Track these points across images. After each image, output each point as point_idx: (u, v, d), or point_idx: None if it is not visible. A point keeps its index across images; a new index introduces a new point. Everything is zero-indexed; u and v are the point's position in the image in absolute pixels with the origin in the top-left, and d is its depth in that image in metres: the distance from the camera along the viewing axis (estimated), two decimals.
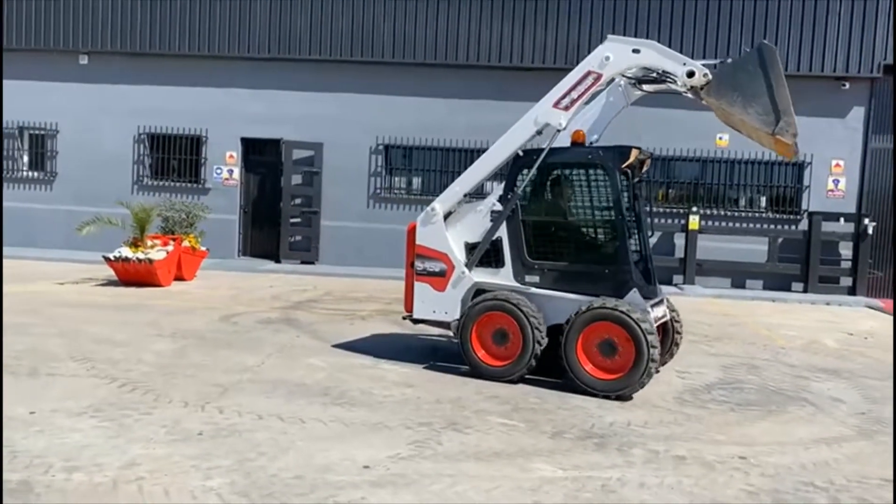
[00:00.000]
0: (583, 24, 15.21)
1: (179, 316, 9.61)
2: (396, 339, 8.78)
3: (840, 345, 9.77)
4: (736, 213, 15.24)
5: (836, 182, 15.07)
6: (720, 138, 15.14)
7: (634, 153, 6.89)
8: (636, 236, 7.20)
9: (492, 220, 7.10)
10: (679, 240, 15.15)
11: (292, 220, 16.25)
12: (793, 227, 15.12)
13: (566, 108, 6.83)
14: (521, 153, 7.09)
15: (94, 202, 15.47)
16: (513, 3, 15.41)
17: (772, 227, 15.21)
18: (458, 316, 7.09)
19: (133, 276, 12.16)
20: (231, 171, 16.55)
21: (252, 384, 6.48)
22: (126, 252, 12.19)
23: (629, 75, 6.96)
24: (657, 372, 6.67)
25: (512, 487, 4.39)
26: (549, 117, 6.87)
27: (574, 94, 6.81)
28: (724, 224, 15.18)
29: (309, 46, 15.95)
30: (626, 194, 7.05)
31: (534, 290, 6.90)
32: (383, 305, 11.34)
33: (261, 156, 16.65)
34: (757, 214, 15.28)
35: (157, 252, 12.28)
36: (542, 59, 15.42)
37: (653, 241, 8.44)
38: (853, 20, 14.60)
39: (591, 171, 6.97)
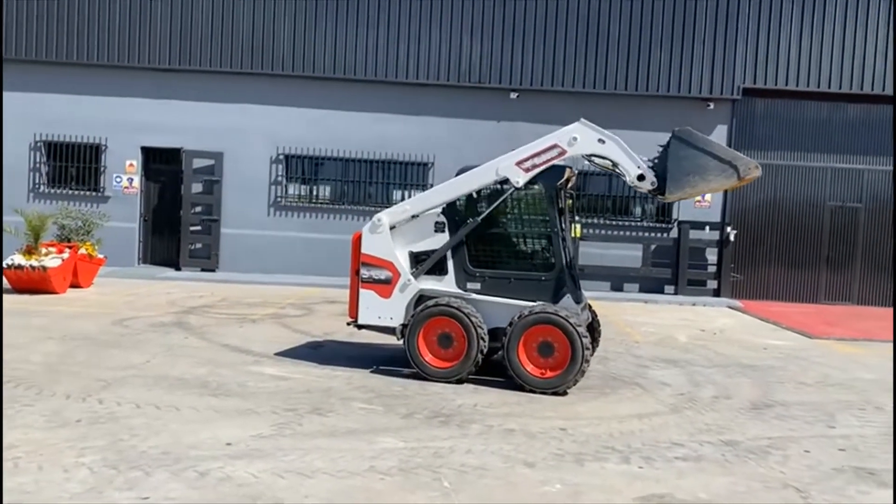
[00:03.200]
0: (477, 41, 16.17)
1: (72, 320, 9.90)
2: (284, 339, 9.34)
3: (689, 339, 10.91)
4: (614, 222, 16.46)
5: (703, 194, 16.45)
6: None
7: (568, 172, 7.70)
8: (566, 246, 7.95)
9: (436, 231, 7.69)
10: None
11: (192, 229, 16.54)
12: (665, 235, 16.46)
13: (526, 170, 7.34)
14: (462, 168, 7.80)
15: None
16: (410, 20, 16.22)
17: (646, 234, 16.51)
18: (402, 321, 7.59)
19: (27, 283, 12.27)
20: (131, 180, 16.70)
21: (135, 379, 6.96)
22: (19, 259, 12.29)
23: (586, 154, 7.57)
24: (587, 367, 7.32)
25: (355, 457, 5.08)
26: (510, 173, 7.37)
27: (537, 160, 7.34)
28: (603, 232, 16.36)
29: (210, 57, 16.33)
30: (558, 208, 7.80)
31: (475, 296, 7.53)
32: (277, 310, 11.87)
33: (161, 164, 16.86)
34: (633, 223, 16.56)
35: (51, 259, 12.43)
36: (437, 75, 16.27)
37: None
38: (716, 46, 16.08)
39: (529, 187, 7.68)
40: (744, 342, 10.93)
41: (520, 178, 7.35)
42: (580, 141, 7.26)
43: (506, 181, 7.41)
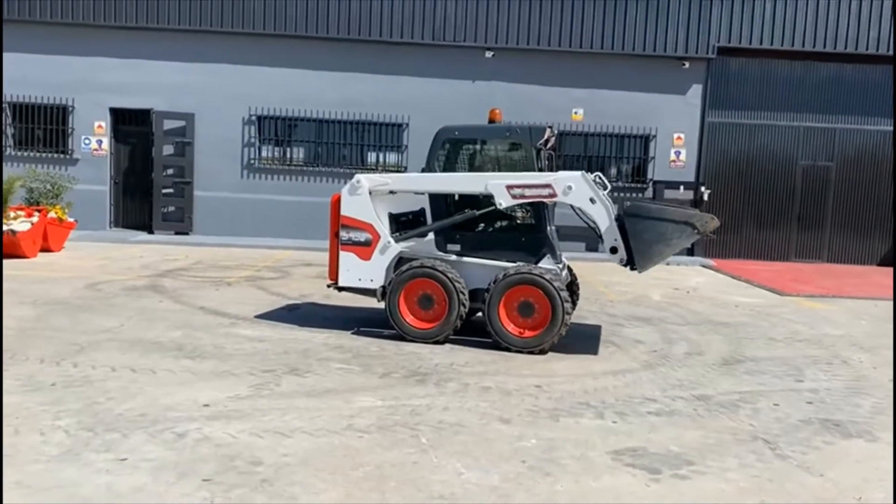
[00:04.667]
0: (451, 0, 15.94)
1: (43, 285, 9.78)
2: (260, 302, 9.32)
3: (663, 298, 11.06)
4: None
5: (678, 153, 16.56)
6: (575, 113, 16.31)
7: (548, 132, 7.64)
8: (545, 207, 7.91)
9: (416, 193, 7.65)
10: None
11: (164, 191, 16.31)
12: (640, 195, 16.54)
13: (513, 197, 7.23)
14: (442, 128, 7.69)
15: None
16: None
17: (621, 195, 16.56)
18: (382, 283, 7.59)
19: None
20: (100, 142, 16.39)
21: (110, 343, 6.91)
22: None
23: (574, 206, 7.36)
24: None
25: (333, 416, 5.12)
26: (497, 192, 7.24)
27: (526, 192, 7.22)
28: None
29: (179, 16, 15.95)
30: (538, 168, 7.75)
31: (456, 257, 7.55)
32: (252, 272, 11.82)
33: (131, 126, 16.55)
34: (608, 184, 16.55)
35: (20, 223, 12.21)
36: (412, 34, 16.05)
37: None
38: (691, 5, 16.01)
39: (510, 147, 7.65)
40: (716, 300, 11.10)
41: (503, 201, 7.25)
42: (574, 192, 7.13)
43: (490, 196, 7.33)
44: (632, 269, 7.16)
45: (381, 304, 7.67)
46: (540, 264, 7.39)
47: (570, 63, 16.17)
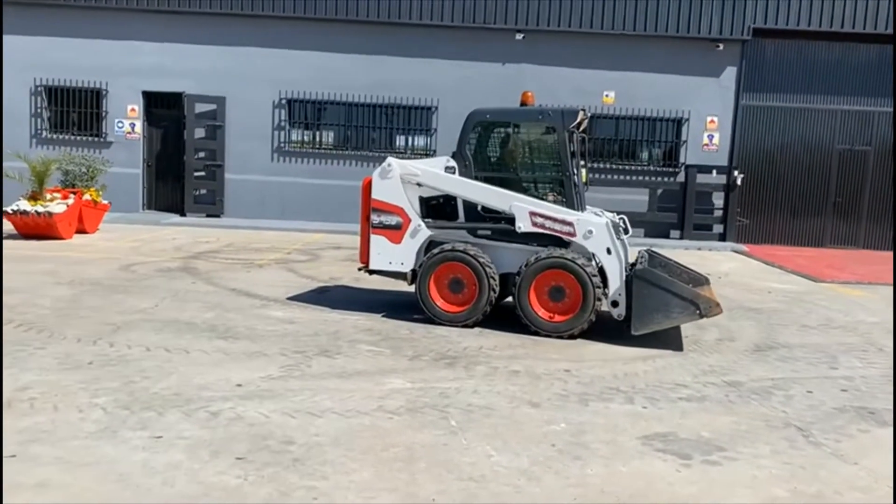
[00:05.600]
0: None
1: (79, 266, 9.96)
2: (291, 284, 9.40)
3: None
4: (620, 167, 16.34)
5: (711, 137, 16.31)
6: (606, 95, 16.13)
7: (581, 114, 7.58)
8: (577, 191, 7.87)
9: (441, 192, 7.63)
10: None
11: (196, 174, 16.49)
12: (671, 179, 16.36)
13: (534, 224, 7.24)
14: (473, 111, 7.64)
15: None
16: None
17: (652, 179, 16.40)
18: (413, 267, 7.62)
19: (33, 229, 12.30)
20: (133, 125, 16.59)
21: (144, 323, 7.03)
22: (24, 205, 12.30)
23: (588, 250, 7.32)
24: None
25: (363, 397, 5.16)
26: (519, 215, 7.24)
27: (548, 224, 7.22)
28: (609, 177, 16.25)
29: (209, 0, 16.03)
30: (570, 152, 7.68)
31: (486, 241, 7.54)
32: (283, 255, 11.92)
33: (163, 109, 16.72)
34: (639, 167, 16.43)
35: (56, 205, 12.43)
36: (441, 16, 15.97)
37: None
38: None
39: (542, 131, 7.61)
40: (748, 286, 10.96)
41: (523, 225, 7.25)
42: (593, 238, 7.12)
43: (512, 217, 7.31)
44: (627, 327, 7.06)
45: (412, 288, 7.69)
46: (571, 248, 7.32)
47: (602, 45, 15.98)
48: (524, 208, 7.26)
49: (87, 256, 10.81)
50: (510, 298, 7.39)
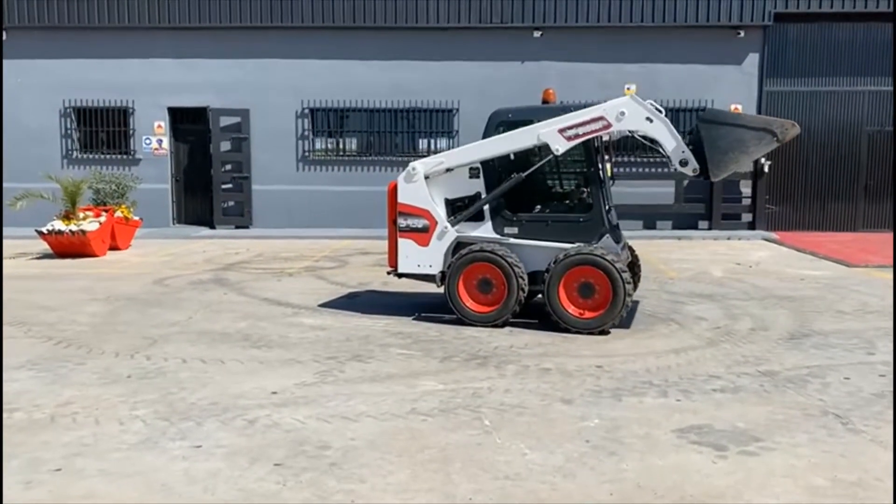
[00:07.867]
0: None
1: (113, 282, 10.15)
2: (321, 291, 9.49)
3: (725, 274, 10.84)
4: (645, 159, 16.23)
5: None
6: (628, 88, 16.01)
7: None
8: (603, 186, 7.86)
9: (470, 177, 7.64)
10: None
11: (224, 187, 16.72)
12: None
13: (568, 139, 7.13)
14: (496, 111, 7.67)
15: (23, 178, 15.65)
16: None
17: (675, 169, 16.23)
18: (441, 268, 7.66)
19: (67, 248, 12.56)
20: (160, 141, 16.86)
21: (179, 335, 7.15)
22: (59, 225, 12.57)
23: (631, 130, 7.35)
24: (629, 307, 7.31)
25: (397, 400, 5.21)
26: (551, 139, 7.13)
27: (580, 131, 7.11)
28: (634, 170, 16.16)
29: (229, 13, 16.25)
30: (595, 148, 7.66)
31: (514, 240, 7.55)
32: (312, 263, 12.03)
33: (188, 124, 16.98)
34: (665, 159, 16.24)
35: (89, 223, 12.69)
36: (458, 18, 16.02)
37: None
38: None
39: None
40: (780, 274, 10.84)
41: (560, 146, 7.14)
42: (627, 116, 6.99)
43: (546, 146, 7.25)
44: (705, 178, 7.00)
45: (440, 290, 7.72)
46: (599, 244, 7.31)
47: (621, 38, 15.90)
48: (551, 131, 7.14)
49: (121, 272, 11.02)
50: (540, 297, 7.39)
